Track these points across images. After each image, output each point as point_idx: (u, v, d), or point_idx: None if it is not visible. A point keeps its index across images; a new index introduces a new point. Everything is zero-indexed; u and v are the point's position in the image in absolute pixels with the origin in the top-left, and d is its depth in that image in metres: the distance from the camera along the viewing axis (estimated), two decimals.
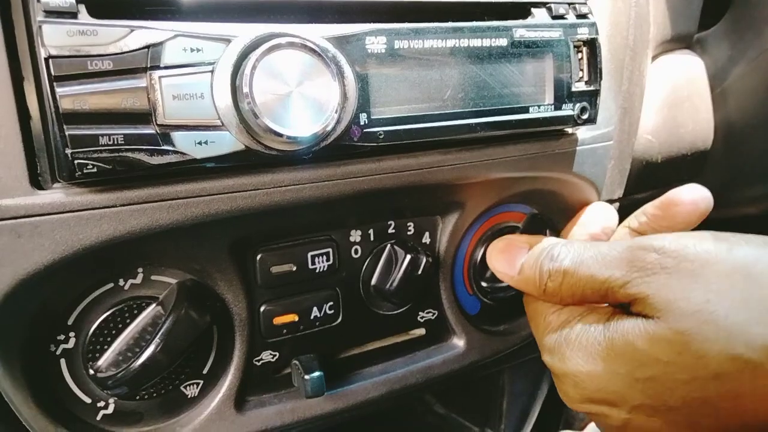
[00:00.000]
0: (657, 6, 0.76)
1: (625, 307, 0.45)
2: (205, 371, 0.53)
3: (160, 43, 0.39)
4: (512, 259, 0.53)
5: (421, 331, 0.64)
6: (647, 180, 0.81)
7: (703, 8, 0.84)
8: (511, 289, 0.63)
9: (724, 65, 0.84)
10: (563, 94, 0.54)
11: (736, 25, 0.85)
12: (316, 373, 0.53)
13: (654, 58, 0.79)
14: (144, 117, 0.39)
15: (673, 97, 0.81)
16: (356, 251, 0.57)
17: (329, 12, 0.46)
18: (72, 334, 0.47)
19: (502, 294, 0.64)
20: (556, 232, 0.66)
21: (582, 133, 0.61)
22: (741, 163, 0.85)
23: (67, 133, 0.37)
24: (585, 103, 0.56)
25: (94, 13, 0.38)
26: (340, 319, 0.58)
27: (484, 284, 0.64)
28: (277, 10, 0.44)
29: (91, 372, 0.47)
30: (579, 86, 0.55)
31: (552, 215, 0.67)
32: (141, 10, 0.40)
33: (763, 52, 0.80)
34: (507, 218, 0.66)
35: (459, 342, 0.65)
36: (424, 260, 0.56)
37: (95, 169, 0.38)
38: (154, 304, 0.49)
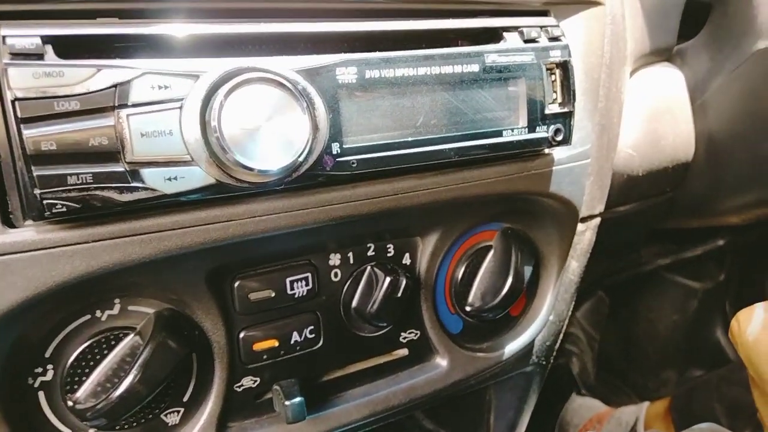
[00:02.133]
0: (634, 21, 0.76)
1: None
2: (185, 399, 0.53)
3: (128, 82, 0.39)
4: None
5: (404, 352, 0.64)
6: (629, 193, 0.81)
7: (682, 20, 0.85)
8: (496, 310, 0.63)
9: (703, 77, 0.85)
10: (537, 116, 0.55)
11: (715, 36, 0.86)
12: (297, 399, 0.53)
13: (633, 72, 0.80)
14: (112, 155, 0.39)
15: (653, 110, 0.81)
16: (336, 274, 0.57)
17: (299, 43, 0.47)
18: (50, 366, 0.47)
19: (486, 314, 0.65)
20: (528, 246, 0.65)
21: (558, 152, 0.61)
22: (722, 173, 0.86)
23: (35, 173, 0.37)
24: (559, 125, 0.56)
25: (60, 53, 0.38)
26: (321, 343, 0.58)
27: (468, 308, 0.64)
28: (245, 43, 0.45)
29: (70, 403, 0.47)
30: (552, 108, 0.56)
31: (532, 233, 0.68)
32: (109, 47, 0.40)
33: (741, 63, 0.81)
34: (487, 237, 0.66)
35: (442, 361, 0.65)
36: (404, 282, 0.57)
37: (64, 209, 0.38)
38: (132, 335, 0.49)
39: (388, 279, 0.56)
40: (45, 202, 0.38)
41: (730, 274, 1.54)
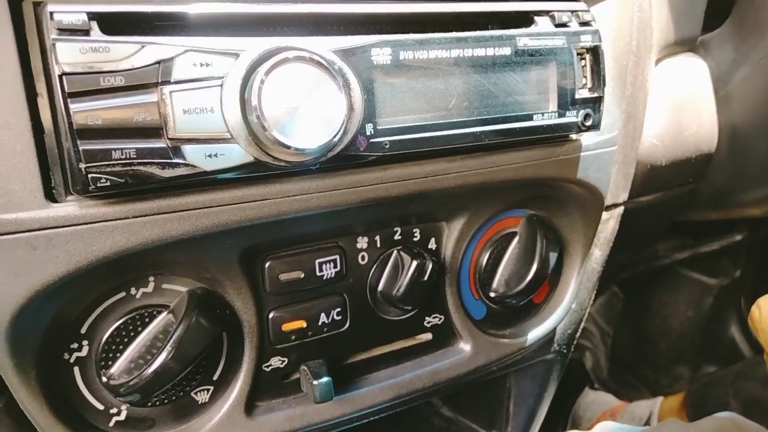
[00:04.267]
0: (660, 10, 0.76)
1: None
2: (215, 377, 0.54)
3: (171, 59, 0.39)
4: None
5: (428, 336, 0.64)
6: (652, 183, 0.81)
7: (706, 10, 0.84)
8: (520, 297, 0.63)
9: (727, 68, 0.84)
10: (567, 101, 0.55)
11: (740, 27, 0.85)
12: (325, 379, 0.54)
13: (658, 61, 0.79)
14: (155, 131, 0.40)
15: (677, 101, 0.81)
16: (363, 258, 0.58)
17: (335, 24, 0.47)
18: (85, 342, 0.48)
19: (509, 301, 0.65)
20: (552, 233, 0.66)
21: (586, 138, 0.61)
22: (745, 165, 0.86)
23: (80, 147, 0.38)
24: (588, 110, 0.56)
25: (105, 29, 0.39)
26: (347, 325, 0.58)
27: (492, 294, 0.65)
28: (284, 23, 0.45)
29: (104, 379, 0.48)
30: (582, 93, 0.56)
31: (557, 220, 0.68)
32: (151, 25, 0.41)
33: (766, 54, 0.80)
34: (511, 223, 0.66)
35: (465, 346, 0.66)
36: (431, 266, 0.57)
37: (108, 183, 0.39)
38: (165, 312, 0.49)
39: (414, 263, 0.57)
40: (90, 176, 0.38)
41: (745, 270, 1.53)
